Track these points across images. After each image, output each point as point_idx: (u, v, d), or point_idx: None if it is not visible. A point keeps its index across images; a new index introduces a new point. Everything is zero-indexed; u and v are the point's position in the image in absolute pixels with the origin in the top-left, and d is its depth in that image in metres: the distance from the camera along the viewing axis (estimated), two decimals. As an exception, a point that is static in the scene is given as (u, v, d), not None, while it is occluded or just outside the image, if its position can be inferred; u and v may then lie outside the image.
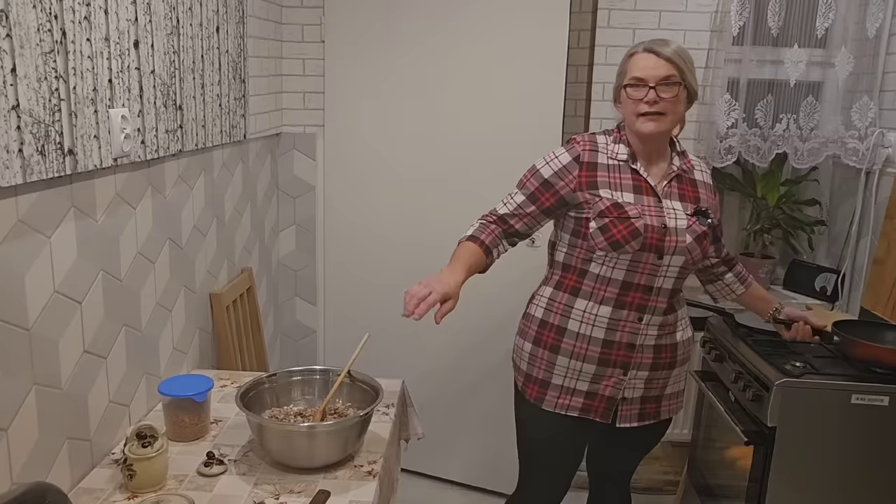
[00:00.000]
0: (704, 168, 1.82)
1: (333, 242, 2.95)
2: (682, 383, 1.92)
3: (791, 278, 2.89)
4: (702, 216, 1.73)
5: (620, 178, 1.71)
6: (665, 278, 1.71)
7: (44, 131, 1.24)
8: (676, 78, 1.64)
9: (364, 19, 2.73)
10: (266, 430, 1.48)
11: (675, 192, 1.73)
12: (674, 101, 1.65)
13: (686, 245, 1.69)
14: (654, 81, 1.64)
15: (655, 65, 1.64)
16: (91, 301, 1.45)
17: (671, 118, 1.67)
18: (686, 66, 1.66)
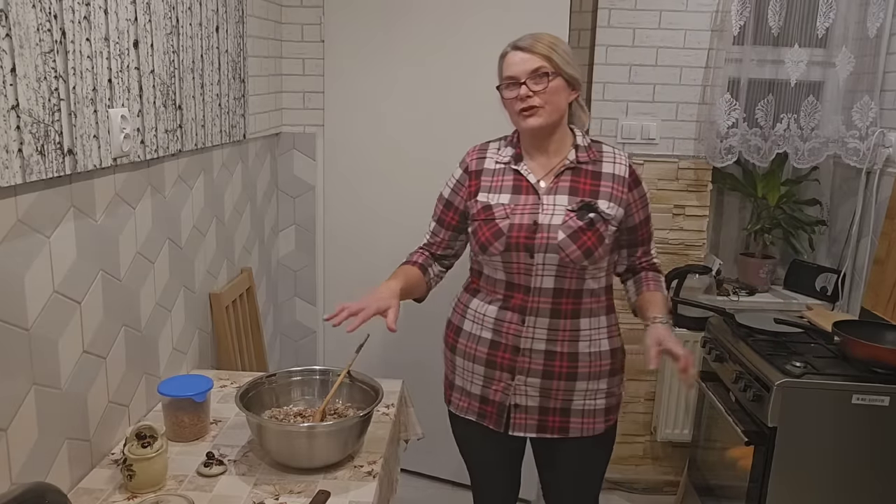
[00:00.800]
0: (621, 160, 1.71)
1: (333, 242, 2.95)
2: (605, 401, 1.74)
3: (791, 278, 2.89)
4: (584, 210, 1.63)
5: (502, 181, 1.70)
6: (542, 277, 1.64)
7: (43, 131, 1.24)
8: (546, 68, 1.60)
9: (364, 19, 2.73)
10: (266, 431, 1.48)
11: (564, 187, 1.66)
12: (548, 92, 1.61)
13: (557, 242, 1.61)
14: (525, 76, 1.61)
15: (523, 59, 1.61)
16: (90, 301, 1.45)
17: (550, 109, 1.62)
18: (558, 55, 1.62)
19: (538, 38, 1.63)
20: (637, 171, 1.73)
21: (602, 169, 1.69)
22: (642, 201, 1.74)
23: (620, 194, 1.68)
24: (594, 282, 1.69)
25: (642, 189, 1.74)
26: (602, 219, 1.64)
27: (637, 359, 2.92)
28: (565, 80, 1.63)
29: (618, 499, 2.97)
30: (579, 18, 2.82)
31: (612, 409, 1.78)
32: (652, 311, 1.69)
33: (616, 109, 2.74)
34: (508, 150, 1.74)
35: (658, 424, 2.86)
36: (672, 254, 2.83)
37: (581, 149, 1.70)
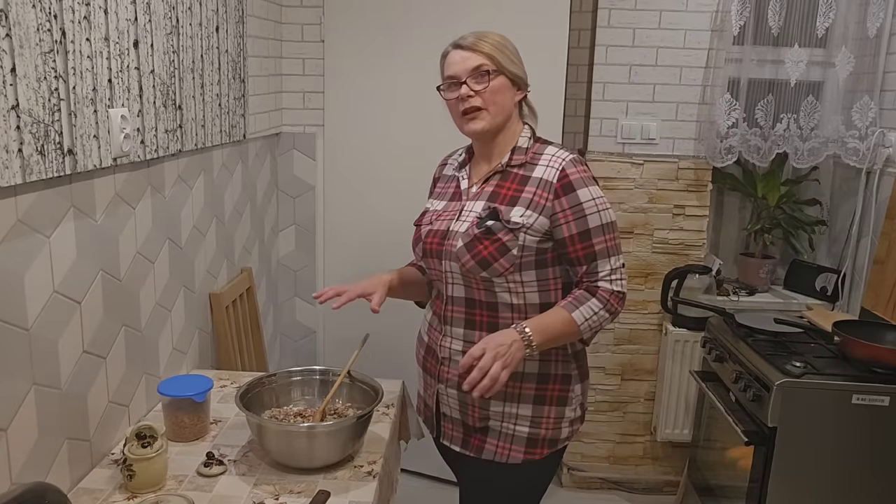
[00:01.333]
0: (555, 164, 1.50)
1: (333, 242, 2.95)
2: (528, 429, 1.53)
3: (791, 278, 2.89)
4: (487, 218, 1.48)
5: (448, 187, 1.65)
6: (453, 286, 1.55)
7: (43, 131, 1.24)
8: (487, 66, 1.50)
9: (364, 19, 2.73)
10: (266, 431, 1.48)
11: (486, 192, 1.54)
12: (490, 91, 1.50)
13: (455, 250, 1.50)
14: (465, 75, 1.50)
15: (463, 58, 1.51)
16: (90, 301, 1.45)
17: (494, 111, 1.51)
18: (501, 52, 1.52)
19: (480, 37, 1.53)
20: (579, 177, 1.48)
21: (532, 173, 1.51)
22: (575, 212, 1.47)
23: (542, 201, 1.48)
24: (514, 296, 1.51)
25: (576, 198, 1.47)
26: (505, 227, 1.46)
27: (637, 358, 2.92)
28: (509, 78, 1.53)
29: (618, 499, 2.97)
30: (579, 18, 2.82)
31: (539, 441, 1.54)
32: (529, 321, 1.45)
33: (616, 109, 2.74)
34: (461, 156, 1.68)
35: (658, 424, 2.86)
36: (672, 254, 2.83)
37: (519, 151, 1.55)
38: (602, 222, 1.49)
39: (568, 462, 3.01)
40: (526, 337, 1.42)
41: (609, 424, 2.98)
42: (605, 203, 1.50)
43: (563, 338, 1.49)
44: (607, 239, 1.50)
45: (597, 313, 1.48)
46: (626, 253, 2.82)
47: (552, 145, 1.56)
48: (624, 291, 1.51)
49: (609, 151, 2.77)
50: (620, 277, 1.51)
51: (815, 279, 2.77)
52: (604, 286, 1.49)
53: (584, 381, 1.61)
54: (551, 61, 2.66)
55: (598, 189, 1.50)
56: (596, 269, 1.49)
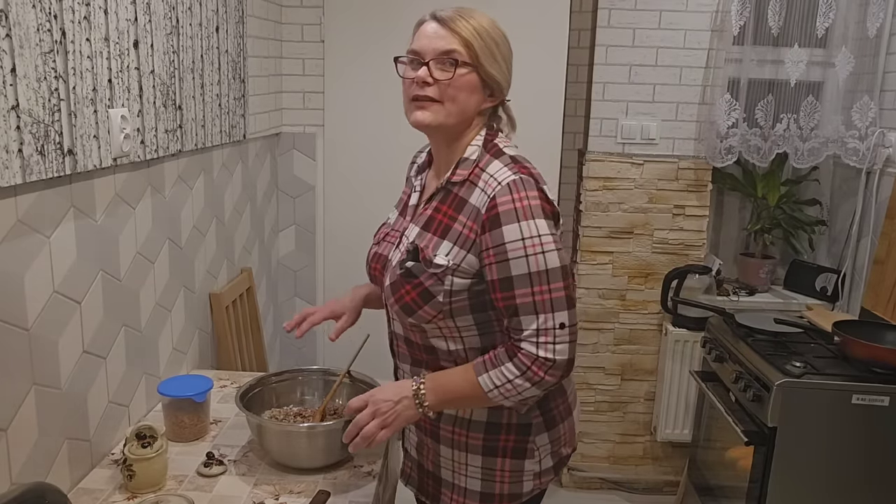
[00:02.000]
0: (491, 186, 1.21)
1: (333, 242, 2.95)
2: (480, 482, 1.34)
3: (791, 278, 2.89)
4: (408, 257, 1.26)
5: (405, 194, 1.46)
6: (395, 322, 1.36)
7: (43, 131, 1.24)
8: (459, 55, 1.22)
9: (364, 19, 2.73)
10: (266, 431, 1.48)
11: (425, 216, 1.30)
12: (452, 85, 1.22)
13: (385, 287, 1.31)
14: (431, 55, 1.23)
15: (435, 34, 1.23)
16: (90, 301, 1.45)
17: (449, 108, 1.24)
18: (483, 45, 1.23)
19: (465, 14, 1.24)
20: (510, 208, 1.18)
21: (470, 197, 1.24)
22: (497, 253, 1.18)
23: (472, 235, 1.21)
24: (450, 342, 1.29)
25: (500, 236, 1.17)
26: (427, 271, 1.23)
27: (637, 358, 2.92)
28: (481, 78, 1.25)
29: (618, 499, 2.97)
30: (579, 18, 2.83)
31: (494, 497, 1.34)
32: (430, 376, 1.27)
33: (616, 109, 2.74)
34: (423, 158, 1.45)
35: (658, 424, 2.86)
36: (672, 254, 2.83)
37: (464, 164, 1.27)
38: (530, 270, 1.17)
39: (568, 462, 3.01)
40: (419, 395, 1.25)
41: (609, 424, 2.98)
42: (537, 245, 1.17)
43: (467, 402, 1.27)
44: (535, 291, 1.18)
45: (511, 381, 1.19)
46: (625, 253, 2.83)
47: (500, 159, 1.25)
48: (555, 359, 1.18)
49: (609, 151, 2.77)
50: (552, 340, 1.18)
51: (815, 279, 2.77)
52: (527, 349, 1.19)
53: (554, 426, 1.35)
54: (551, 61, 2.66)
55: (536, 225, 1.18)
56: (519, 326, 1.20)
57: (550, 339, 1.19)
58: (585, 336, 2.91)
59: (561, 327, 1.19)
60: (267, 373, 1.70)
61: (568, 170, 2.95)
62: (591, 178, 2.79)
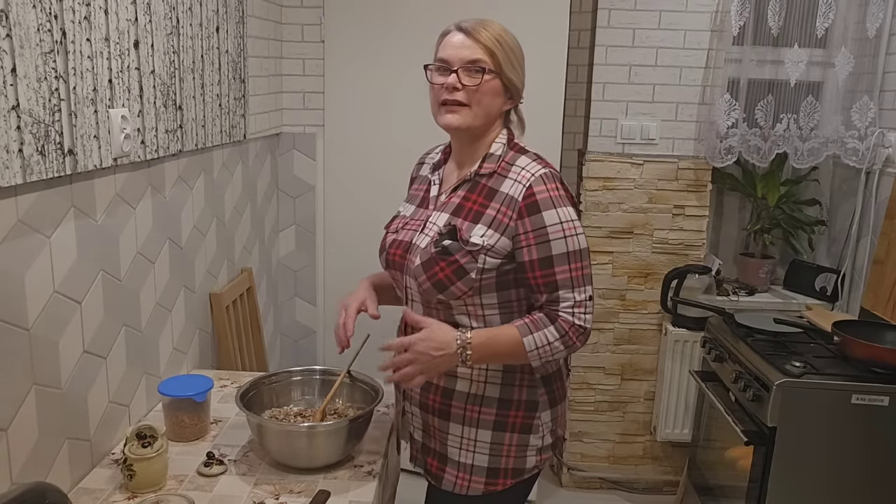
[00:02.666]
0: (524, 178, 1.36)
1: (333, 242, 2.95)
2: (488, 458, 1.44)
3: (791, 278, 2.89)
4: (445, 237, 1.37)
5: (419, 189, 1.56)
6: (414, 303, 1.47)
7: (44, 131, 1.24)
8: (485, 64, 1.36)
9: (364, 19, 2.73)
10: (266, 431, 1.48)
11: (452, 204, 1.42)
12: (480, 91, 1.36)
13: (413, 267, 1.41)
14: (459, 64, 1.37)
15: (462, 44, 1.37)
16: (91, 301, 1.45)
17: (476, 111, 1.38)
18: (504, 54, 1.38)
19: (486, 26, 1.39)
20: (547, 196, 1.34)
21: (500, 186, 1.38)
22: (537, 236, 1.33)
23: (506, 220, 1.35)
24: (473, 320, 1.40)
25: (541, 220, 1.33)
26: (463, 249, 1.35)
27: (637, 358, 2.92)
28: (504, 84, 1.40)
29: (618, 499, 2.97)
30: (579, 18, 2.83)
31: (499, 471, 1.44)
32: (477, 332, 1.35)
33: (616, 110, 2.74)
34: (437, 156, 1.57)
35: (658, 424, 2.86)
36: (672, 254, 2.83)
37: (490, 159, 1.41)
38: (568, 249, 1.33)
39: (568, 462, 3.01)
40: (464, 353, 1.34)
41: (609, 424, 2.98)
42: (573, 228, 1.34)
43: (506, 360, 1.39)
44: (573, 268, 1.34)
45: (551, 343, 1.34)
46: (625, 253, 2.83)
47: (526, 155, 1.42)
48: (586, 327, 1.35)
49: (609, 151, 2.77)
50: (585, 311, 1.35)
51: (814, 279, 2.78)
52: (565, 316, 1.34)
53: (555, 405, 1.48)
54: (551, 61, 2.66)
55: (569, 211, 1.35)
56: (557, 299, 1.35)
57: (583, 310, 1.35)
58: (585, 336, 2.91)
59: (590, 299, 1.37)
60: (267, 373, 1.70)
61: (568, 170, 2.95)
62: (591, 178, 2.79)
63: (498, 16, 2.63)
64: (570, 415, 2.97)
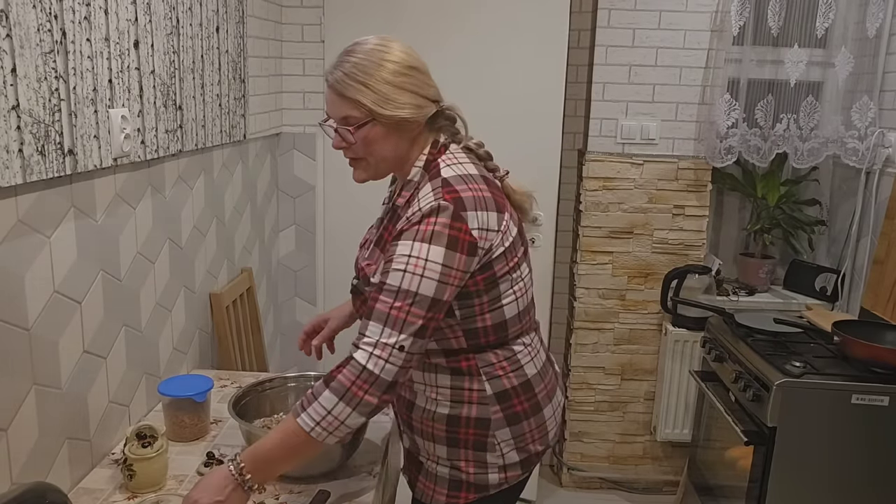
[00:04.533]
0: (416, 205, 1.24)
1: (333, 242, 2.95)
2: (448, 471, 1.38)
3: (791, 278, 2.89)
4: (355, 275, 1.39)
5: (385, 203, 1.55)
6: None
7: (44, 131, 1.24)
8: (356, 119, 1.25)
9: (364, 19, 2.73)
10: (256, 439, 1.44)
11: (380, 234, 1.40)
12: (363, 143, 1.28)
13: None
14: (336, 123, 1.29)
15: (331, 101, 1.28)
16: (91, 301, 1.45)
17: (373, 161, 1.30)
18: (373, 97, 1.24)
19: (353, 72, 1.24)
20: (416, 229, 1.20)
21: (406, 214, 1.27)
22: (386, 262, 1.22)
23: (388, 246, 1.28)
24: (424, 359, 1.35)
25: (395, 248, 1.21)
26: (366, 289, 1.31)
27: (637, 358, 2.92)
28: (384, 124, 1.26)
29: (618, 499, 2.97)
30: (579, 18, 2.83)
31: (461, 484, 1.37)
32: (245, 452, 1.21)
33: (616, 110, 2.74)
34: None
35: (658, 424, 2.86)
36: (672, 254, 2.83)
37: (409, 185, 1.32)
38: (400, 285, 1.18)
39: (568, 462, 3.02)
40: (243, 480, 1.19)
41: (609, 424, 2.98)
42: (420, 267, 1.18)
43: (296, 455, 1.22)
44: (394, 305, 1.18)
45: (330, 412, 1.16)
46: (625, 253, 2.83)
47: (432, 182, 1.27)
48: (378, 375, 1.16)
49: (609, 151, 2.77)
50: (386, 357, 1.16)
51: (814, 279, 2.78)
52: (359, 356, 1.17)
53: (518, 422, 1.36)
54: (551, 61, 2.66)
55: (430, 250, 1.19)
56: (364, 331, 1.19)
57: (385, 355, 1.17)
58: (585, 336, 2.91)
59: (399, 349, 1.18)
60: (258, 379, 1.65)
61: (568, 170, 2.95)
62: (591, 178, 2.79)
63: (498, 16, 2.65)
64: (570, 415, 2.97)
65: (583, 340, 2.91)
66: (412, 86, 1.27)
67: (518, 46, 2.66)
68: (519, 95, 2.66)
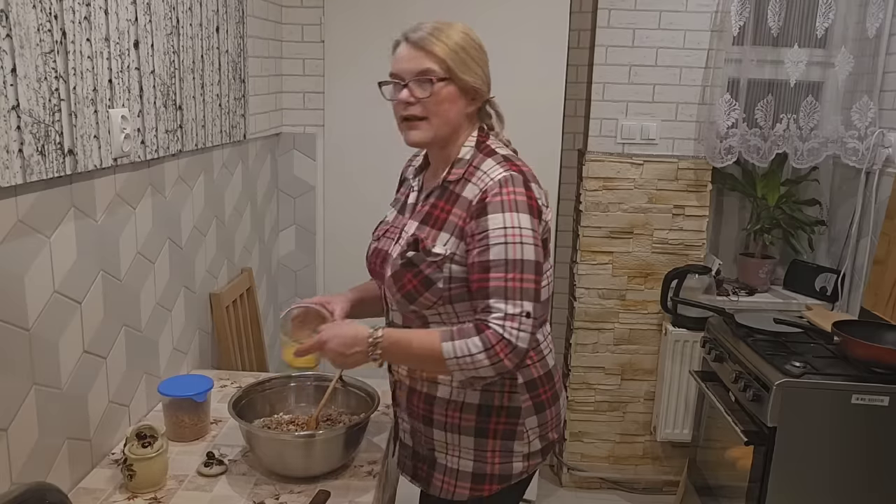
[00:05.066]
0: (483, 181, 1.31)
1: (333, 242, 2.95)
2: (472, 463, 1.41)
3: (791, 278, 2.89)
4: (409, 247, 1.35)
5: (403, 194, 1.54)
6: (393, 312, 1.45)
7: (44, 131, 1.24)
8: (435, 73, 1.30)
9: (364, 19, 2.73)
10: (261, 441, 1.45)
11: (421, 212, 1.40)
12: (434, 101, 1.32)
13: (387, 278, 1.39)
14: (409, 77, 1.33)
15: (410, 56, 1.33)
16: (91, 301, 1.45)
17: (436, 122, 1.34)
18: (456, 56, 1.32)
19: (435, 33, 1.33)
20: (499, 200, 1.27)
21: (464, 191, 1.33)
22: (479, 239, 1.27)
23: (462, 224, 1.31)
24: (449, 324, 1.36)
25: (486, 223, 1.27)
26: (426, 260, 1.32)
27: (637, 358, 2.92)
28: (459, 88, 1.33)
29: (618, 499, 2.97)
30: (579, 18, 2.83)
31: (485, 476, 1.41)
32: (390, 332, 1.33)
33: (616, 110, 2.74)
34: (421, 159, 1.53)
35: (658, 424, 2.86)
36: (672, 254, 2.83)
37: (459, 164, 1.37)
38: (506, 257, 1.25)
39: (568, 462, 3.02)
40: (374, 352, 1.31)
41: (609, 424, 2.98)
42: (518, 235, 1.25)
43: (423, 364, 1.35)
44: (508, 278, 1.24)
45: (472, 355, 1.23)
46: (625, 253, 2.83)
47: (493, 158, 1.35)
48: (516, 344, 1.23)
49: (609, 151, 2.77)
50: (518, 326, 1.23)
51: (814, 279, 2.78)
52: (493, 328, 1.23)
53: (543, 411, 1.43)
54: (551, 61, 2.66)
55: (519, 217, 1.27)
56: (488, 309, 1.25)
57: (516, 325, 1.23)
58: (585, 336, 2.91)
59: (527, 316, 1.25)
60: (258, 379, 1.65)
61: (568, 170, 2.95)
62: (591, 178, 2.79)
63: (498, 16, 2.64)
64: (570, 415, 2.97)
65: (583, 340, 2.91)
66: (483, 63, 1.38)
67: (518, 46, 2.66)
68: (519, 95, 2.65)
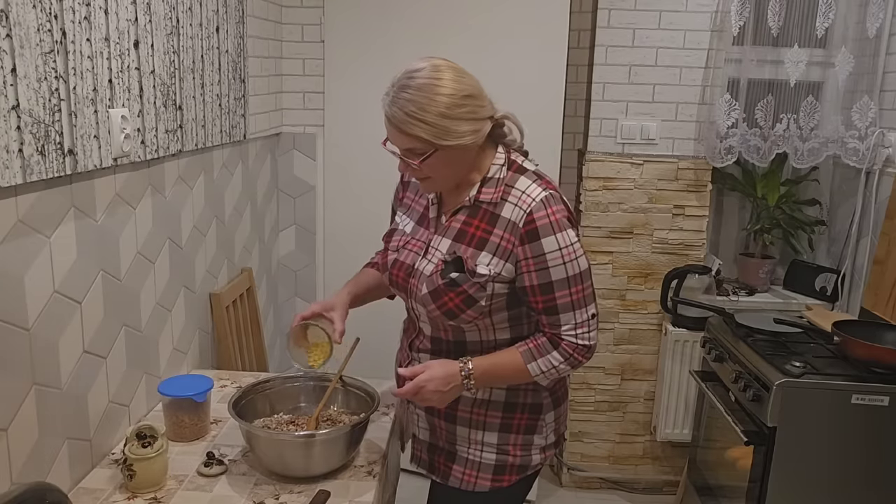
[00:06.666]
0: (524, 202, 1.34)
1: (333, 242, 2.95)
2: (495, 456, 1.48)
3: (791, 278, 2.89)
4: (450, 266, 1.38)
5: (418, 203, 1.52)
6: (423, 323, 1.49)
7: (44, 131, 1.24)
8: (418, 150, 1.32)
9: (364, 19, 2.73)
10: (262, 442, 1.45)
11: (453, 229, 1.41)
12: (429, 167, 1.34)
13: (420, 294, 1.41)
14: (400, 150, 1.36)
15: (392, 133, 1.34)
16: (91, 301, 1.45)
17: (440, 178, 1.37)
18: (437, 130, 1.28)
19: (414, 112, 1.28)
20: (547, 222, 1.33)
21: (502, 211, 1.36)
22: (537, 262, 1.34)
23: (509, 246, 1.35)
24: (483, 334, 1.44)
25: (540, 247, 1.33)
26: (471, 280, 1.36)
27: (637, 358, 2.92)
28: (448, 150, 1.32)
29: (618, 499, 2.97)
30: (579, 18, 2.83)
31: (506, 468, 1.49)
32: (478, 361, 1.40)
33: (616, 110, 2.74)
34: None
35: (658, 424, 2.86)
36: (672, 254, 2.83)
37: (489, 183, 1.39)
38: (568, 275, 1.34)
39: (568, 462, 3.02)
40: (469, 384, 1.39)
41: (609, 424, 2.98)
42: (573, 252, 1.34)
43: (510, 382, 1.45)
44: (573, 292, 1.36)
45: (556, 367, 1.39)
46: (625, 253, 2.83)
47: (525, 175, 1.39)
48: (590, 345, 1.40)
49: (609, 151, 2.77)
50: (588, 330, 1.39)
51: (814, 279, 2.78)
52: (568, 339, 1.38)
53: (558, 406, 1.54)
54: (551, 61, 2.66)
55: (568, 235, 1.34)
56: (558, 323, 1.37)
57: (586, 329, 1.39)
58: (585, 336, 2.91)
59: (592, 317, 1.40)
60: (258, 379, 1.65)
61: (568, 170, 2.95)
62: (591, 178, 2.79)
63: (499, 16, 2.64)
64: (570, 414, 2.97)
65: (583, 340, 2.91)
66: (468, 114, 1.32)
67: (518, 46, 2.65)
68: (519, 95, 2.65)
